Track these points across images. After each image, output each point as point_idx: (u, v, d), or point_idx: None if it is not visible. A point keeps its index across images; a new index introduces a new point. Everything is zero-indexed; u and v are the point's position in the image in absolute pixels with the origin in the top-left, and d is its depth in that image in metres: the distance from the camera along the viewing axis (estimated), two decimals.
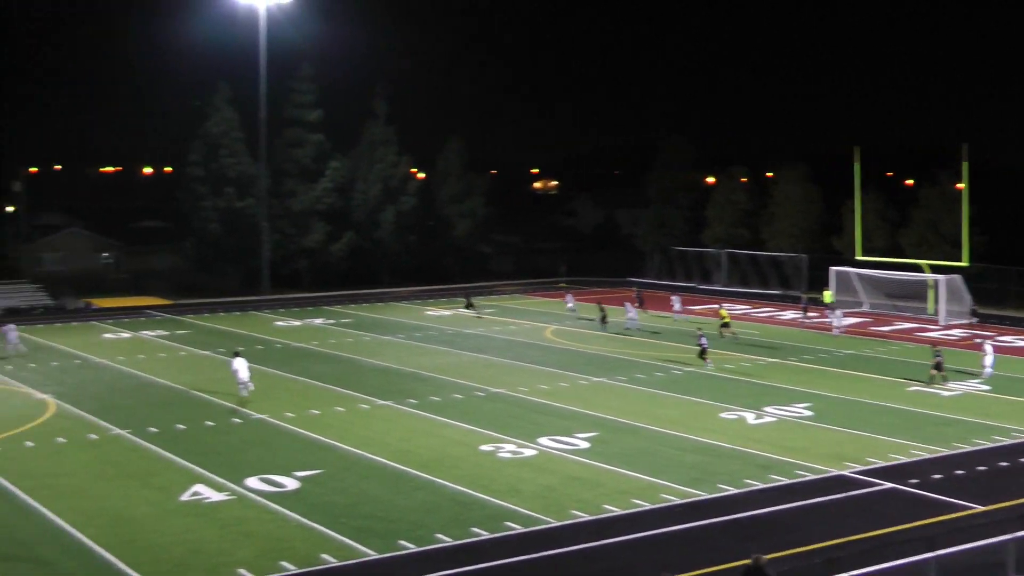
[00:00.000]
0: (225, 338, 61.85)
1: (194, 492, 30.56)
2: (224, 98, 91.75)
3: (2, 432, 38.29)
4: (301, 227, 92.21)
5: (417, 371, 50.52)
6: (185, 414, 41.13)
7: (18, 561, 25.21)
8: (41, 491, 30.74)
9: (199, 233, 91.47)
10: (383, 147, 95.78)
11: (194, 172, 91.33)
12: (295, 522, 27.81)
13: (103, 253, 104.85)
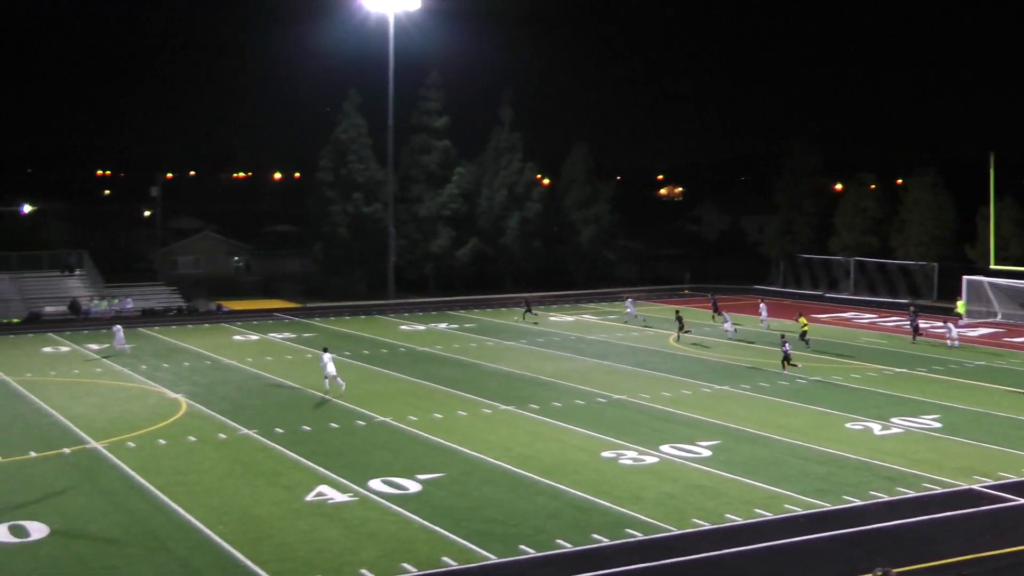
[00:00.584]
0: (351, 341, 62.73)
1: (319, 492, 31.04)
2: (354, 105, 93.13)
3: (137, 430, 39.37)
4: (427, 232, 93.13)
5: (539, 376, 50.62)
6: (310, 415, 41.82)
7: (153, 555, 25.87)
8: (173, 488, 31.54)
9: (327, 237, 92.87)
10: (509, 153, 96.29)
11: (324, 177, 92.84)
12: (417, 524, 28.07)
13: (234, 257, 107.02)
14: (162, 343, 62.88)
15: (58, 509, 29.50)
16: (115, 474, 33.38)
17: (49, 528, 27.80)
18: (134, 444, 37.21)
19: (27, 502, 30.23)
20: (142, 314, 78.37)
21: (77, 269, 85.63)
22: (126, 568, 24.98)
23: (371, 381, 49.98)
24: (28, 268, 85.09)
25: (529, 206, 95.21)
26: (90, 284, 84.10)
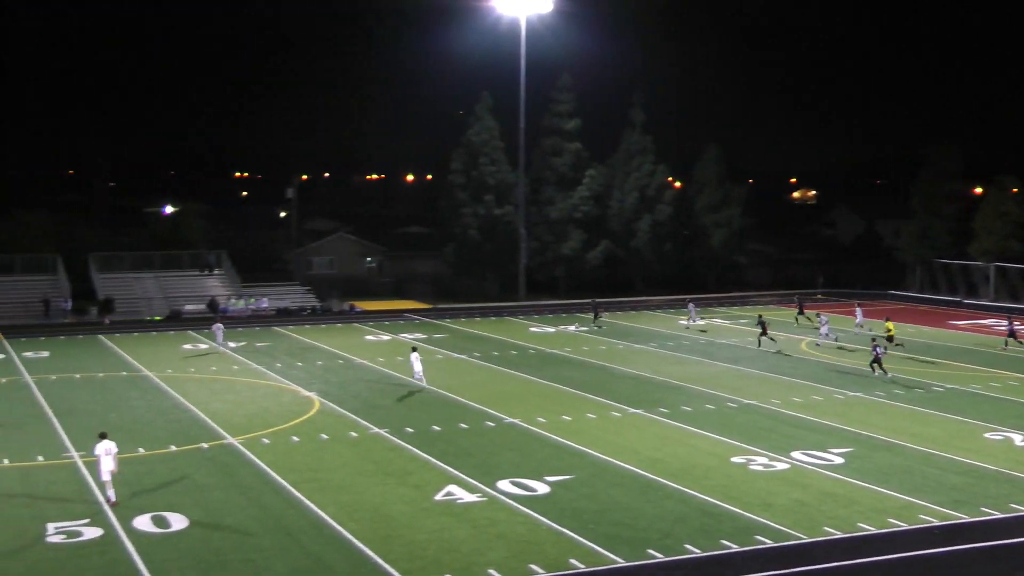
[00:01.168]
0: (481, 343, 63.18)
1: (448, 492, 31.33)
2: (486, 107, 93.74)
3: (272, 427, 40.20)
4: (558, 234, 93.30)
5: (669, 380, 50.37)
6: (440, 416, 42.21)
7: (286, 549, 26.39)
8: (306, 484, 32.14)
9: (459, 239, 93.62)
10: (640, 156, 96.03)
11: (455, 180, 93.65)
12: (545, 526, 28.15)
13: (367, 258, 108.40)
14: (296, 342, 64.06)
15: (197, 502, 30.29)
16: (250, 469, 34.14)
17: (189, 520, 28.56)
18: (269, 440, 38.00)
19: (168, 494, 31.10)
20: (277, 313, 79.94)
21: (216, 269, 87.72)
22: (261, 561, 25.53)
23: (501, 382, 50.28)
24: (169, 267, 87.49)
25: (660, 209, 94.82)
26: (228, 283, 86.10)
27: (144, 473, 33.43)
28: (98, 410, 43.62)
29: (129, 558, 25.67)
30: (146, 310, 79.76)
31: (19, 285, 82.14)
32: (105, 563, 25.36)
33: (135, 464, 34.54)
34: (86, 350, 61.30)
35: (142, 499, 30.55)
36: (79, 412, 43.15)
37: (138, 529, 27.78)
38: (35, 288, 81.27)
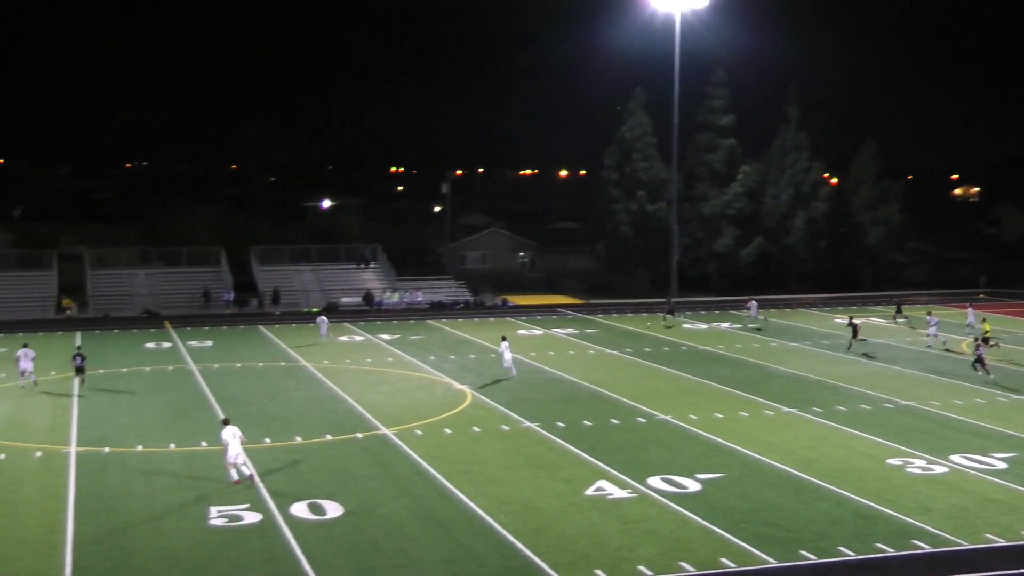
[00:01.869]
0: (633, 339, 63.04)
1: (598, 487, 31.36)
2: (639, 103, 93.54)
3: (425, 419, 40.77)
4: (711, 231, 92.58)
5: (823, 379, 49.56)
6: (591, 411, 42.26)
7: (438, 540, 26.76)
8: (458, 476, 32.52)
9: (611, 235, 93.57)
10: (795, 152, 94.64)
11: (609, 176, 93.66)
12: (696, 524, 28.00)
13: (520, 253, 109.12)
14: (449, 335, 64.80)
15: (352, 491, 30.90)
16: (403, 460, 34.68)
17: (343, 508, 29.16)
18: (421, 432, 38.54)
19: (324, 483, 31.80)
20: (430, 307, 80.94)
21: (371, 262, 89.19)
22: (413, 551, 25.93)
23: (652, 379, 50.11)
24: (327, 260, 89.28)
25: (815, 206, 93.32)
26: (383, 277, 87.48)
27: (301, 461, 34.23)
28: (257, 399, 44.81)
29: (286, 543, 26.34)
30: (304, 302, 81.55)
31: (185, 277, 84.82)
32: (264, 547, 26.06)
33: (292, 452, 35.41)
34: (247, 340, 62.98)
35: (299, 487, 31.30)
36: (239, 400, 44.39)
37: (295, 516, 28.48)
38: (200, 280, 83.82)
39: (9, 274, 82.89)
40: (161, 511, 28.87)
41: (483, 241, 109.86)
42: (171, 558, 25.29)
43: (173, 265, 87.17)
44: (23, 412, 42.20)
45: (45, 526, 27.71)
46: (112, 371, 52.02)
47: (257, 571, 24.51)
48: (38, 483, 31.90)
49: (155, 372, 51.90)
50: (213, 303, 79.51)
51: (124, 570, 24.59)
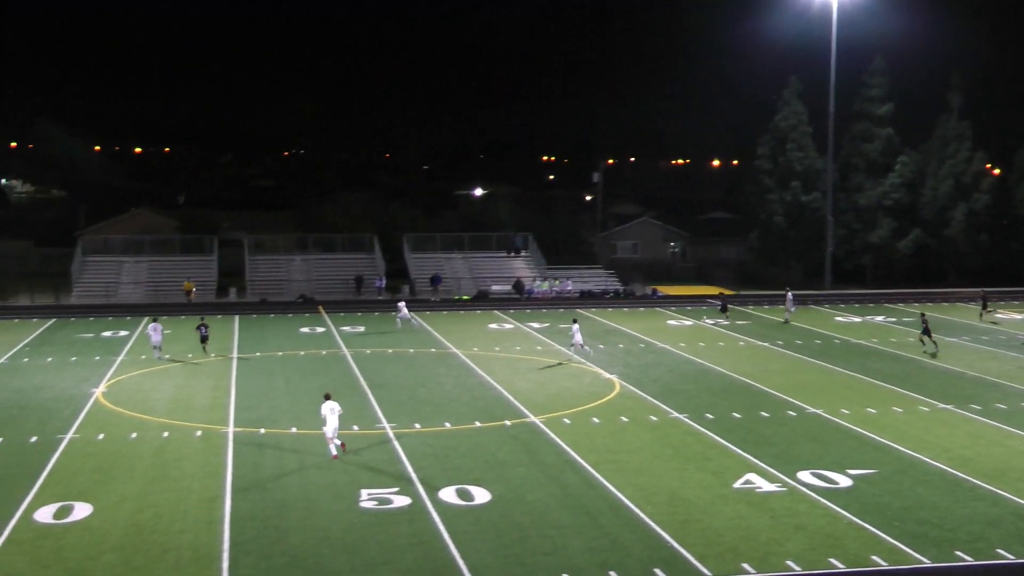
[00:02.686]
0: (785, 331, 62.25)
1: (747, 480, 31.11)
2: (794, 92, 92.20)
3: (573, 407, 40.92)
4: (866, 222, 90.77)
5: (982, 376, 48.21)
6: (741, 403, 41.88)
7: (584, 528, 26.86)
8: (605, 465, 32.58)
9: (763, 225, 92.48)
10: (956, 142, 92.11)
11: (762, 165, 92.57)
12: (846, 520, 27.56)
13: (671, 243, 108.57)
14: (599, 324, 64.82)
15: (500, 477, 31.20)
16: (551, 448, 34.87)
17: (491, 494, 29.48)
18: (569, 421, 38.69)
19: (472, 468, 32.18)
20: (580, 296, 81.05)
21: (523, 250, 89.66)
22: (559, 538, 26.08)
23: (803, 372, 49.42)
24: (478, 248, 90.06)
25: (977, 198, 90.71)
26: (533, 265, 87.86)
27: (450, 447, 34.70)
28: (408, 384, 45.51)
29: (435, 527, 26.75)
30: (455, 289, 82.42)
31: (339, 263, 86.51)
32: (413, 531, 26.50)
33: (442, 438, 35.90)
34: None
35: (448, 472, 31.73)
36: (391, 386, 45.15)
37: (444, 500, 28.90)
38: (353, 266, 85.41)
39: (173, 258, 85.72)
40: (314, 492, 29.59)
41: (634, 230, 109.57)
42: (323, 539, 25.90)
43: (328, 251, 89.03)
44: (186, 392, 43.63)
45: (205, 502, 28.66)
46: (268, 354, 53.40)
47: (406, 554, 24.94)
48: (199, 461, 32.98)
49: (309, 356, 53.10)
50: (365, 289, 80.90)
51: (279, 547, 25.28)
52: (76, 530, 26.50)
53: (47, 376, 47.26)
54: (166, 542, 25.62)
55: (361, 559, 24.57)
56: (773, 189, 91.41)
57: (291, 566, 24.14)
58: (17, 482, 30.53)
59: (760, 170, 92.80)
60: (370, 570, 23.95)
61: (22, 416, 39.22)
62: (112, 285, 79.83)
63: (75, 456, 33.56)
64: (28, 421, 38.37)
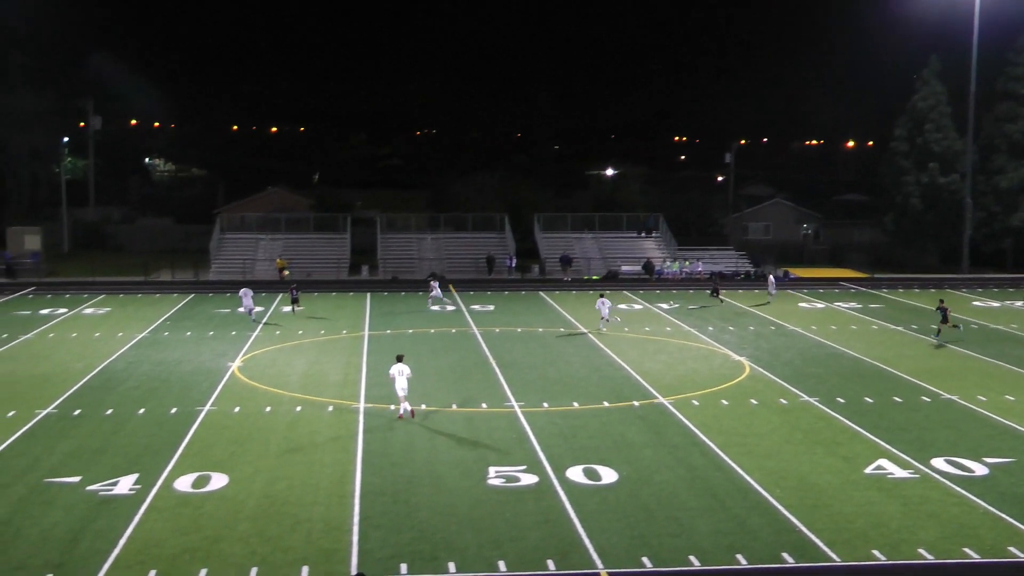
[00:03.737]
0: (919, 315, 60.99)
1: (878, 466, 30.63)
2: (933, 72, 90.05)
3: (701, 389, 40.71)
4: (1007, 205, 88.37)
5: None
6: (873, 388, 41.20)
7: (711, 510, 26.77)
8: (733, 448, 32.39)
9: (899, 208, 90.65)
10: None
11: (898, 147, 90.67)
12: (982, 509, 26.97)
13: (803, 224, 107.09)
14: (729, 306, 64.30)
15: (627, 458, 31.22)
16: (679, 429, 34.76)
17: (618, 475, 29.52)
18: (698, 402, 38.52)
19: (600, 448, 32.25)
20: (711, 277, 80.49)
21: (653, 231, 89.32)
22: (686, 520, 26.02)
23: (938, 357, 48.41)
24: (608, 228, 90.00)
25: None
26: (663, 246, 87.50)
27: (578, 427, 34.81)
28: (537, 364, 45.72)
29: (562, 506, 26.89)
30: (585, 270, 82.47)
31: (469, 242, 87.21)
32: (540, 509, 26.69)
33: (570, 417, 36.04)
34: (527, 306, 64.26)
35: (575, 451, 31.85)
36: (519, 365, 45.41)
37: (571, 479, 29.03)
38: (484, 245, 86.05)
39: (307, 236, 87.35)
40: (442, 469, 29.96)
41: (766, 212, 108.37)
42: (452, 515, 26.22)
43: (459, 230, 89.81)
44: (318, 368, 44.48)
45: (336, 476, 29.23)
46: (399, 332, 54.12)
47: (532, 532, 25.14)
48: (330, 435, 33.63)
49: (439, 334, 53.66)
50: (496, 269, 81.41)
51: (407, 522, 25.67)
52: (213, 499, 27.28)
53: (186, 350, 48.60)
54: (298, 514, 26.21)
55: (488, 536, 24.85)
56: (910, 171, 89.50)
57: (419, 541, 24.51)
58: (159, 452, 31.52)
59: (896, 151, 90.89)
60: (497, 546, 24.20)
61: (163, 388, 40.43)
62: (248, 262, 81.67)
63: (212, 428, 34.50)
64: (169, 393, 39.54)
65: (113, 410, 36.79)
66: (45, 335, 52.79)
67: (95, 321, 57.28)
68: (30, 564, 23.06)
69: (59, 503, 26.90)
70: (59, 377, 42.26)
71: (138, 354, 47.62)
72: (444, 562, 23.31)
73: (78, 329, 54.54)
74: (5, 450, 31.79)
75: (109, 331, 53.72)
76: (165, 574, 22.60)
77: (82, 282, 74.15)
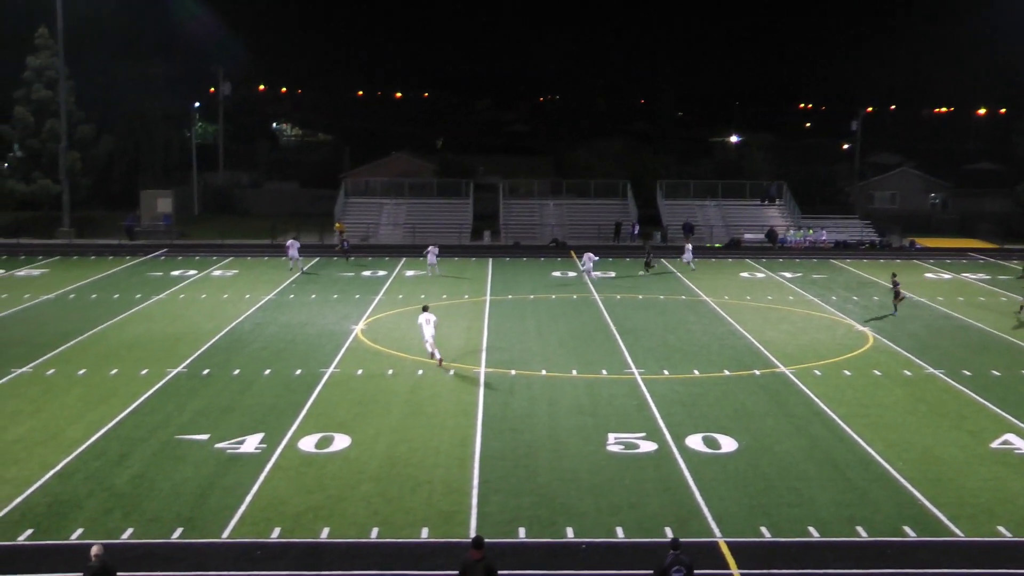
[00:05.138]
0: None
1: (1005, 441, 30.08)
2: None
3: (824, 359, 40.30)
4: None
5: None
6: (1001, 361, 40.37)
7: (832, 481, 26.57)
8: (855, 419, 32.05)
9: None
10: None
11: None
12: None
13: (931, 194, 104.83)
14: (853, 276, 63.41)
15: (747, 427, 31.13)
16: (800, 399, 34.50)
17: (738, 443, 29.47)
18: (820, 372, 38.15)
19: (720, 417, 32.19)
20: (834, 246, 79.36)
21: (776, 199, 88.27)
22: (806, 491, 25.89)
23: None
24: (731, 196, 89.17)
25: None
26: (787, 214, 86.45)
27: (698, 395, 34.77)
28: (657, 331, 45.68)
29: (680, 474, 26.96)
30: (707, 237, 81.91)
31: (591, 209, 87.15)
32: (659, 476, 26.78)
33: (689, 385, 36.01)
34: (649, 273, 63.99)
35: (695, 419, 31.85)
36: (640, 332, 45.41)
37: (690, 447, 29.06)
38: (605, 212, 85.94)
39: (430, 201, 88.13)
40: (562, 434, 30.19)
41: (892, 180, 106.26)
42: (571, 480, 26.45)
43: (581, 197, 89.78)
44: (440, 332, 44.80)
45: (457, 439, 29.65)
46: (520, 297, 54.43)
47: (651, 499, 25.24)
48: (452, 399, 34.08)
49: (560, 300, 53.86)
50: (623, 236, 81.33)
51: (527, 486, 25.96)
52: (336, 460, 27.89)
53: (311, 312, 49.53)
54: (419, 476, 26.67)
55: (607, 501, 25.02)
56: None
57: (538, 505, 24.78)
58: (284, 412, 32.29)
59: None
60: (615, 512, 24.36)
61: (289, 350, 41.31)
62: (372, 226, 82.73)
63: (336, 389, 35.20)
64: (294, 355, 40.39)
65: (240, 370, 37.75)
66: (176, 296, 54.24)
67: (223, 283, 58.67)
68: (163, 517, 23.88)
69: (189, 459, 27.77)
70: (189, 337, 43.45)
71: (265, 316, 48.70)
72: (562, 527, 23.56)
73: (207, 291, 55.93)
74: (139, 407, 32.87)
75: (237, 293, 54.99)
76: (289, 531, 23.22)
77: (211, 244, 75.87)
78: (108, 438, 29.62)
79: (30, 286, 56.75)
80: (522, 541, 22.85)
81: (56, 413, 32.12)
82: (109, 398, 33.82)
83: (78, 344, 42.16)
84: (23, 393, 34.48)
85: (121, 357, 39.73)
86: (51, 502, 24.70)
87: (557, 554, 22.36)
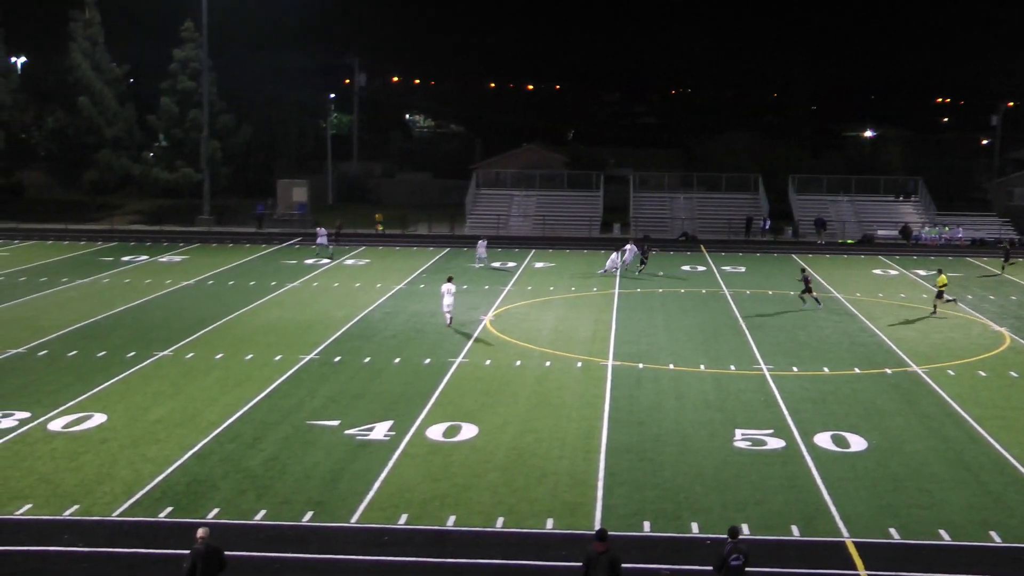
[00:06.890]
0: None
1: None
2: None
3: (958, 359, 39.50)
4: None
5: None
6: None
7: (964, 484, 26.08)
8: (990, 421, 31.38)
9: None
10: None
11: None
12: None
13: None
14: (989, 275, 61.91)
15: (877, 426, 30.68)
16: (933, 399, 33.88)
17: (868, 443, 29.07)
18: (954, 372, 37.41)
19: (849, 415, 31.78)
20: (971, 244, 77.54)
21: (912, 195, 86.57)
22: (936, 492, 25.45)
23: None
24: (865, 192, 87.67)
25: None
26: (922, 211, 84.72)
27: (828, 392, 34.37)
28: (787, 327, 45.22)
29: (808, 472, 26.70)
30: (839, 233, 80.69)
31: (722, 202, 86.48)
32: (786, 473, 26.57)
33: (819, 382, 35.61)
34: (780, 269, 63.40)
35: (824, 417, 31.50)
36: (769, 328, 45.02)
37: (819, 445, 28.76)
38: (735, 206, 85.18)
39: (560, 193, 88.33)
40: (689, 429, 30.13)
41: None
42: (697, 475, 26.40)
43: (712, 190, 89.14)
44: (568, 324, 45.17)
45: (583, 431, 29.79)
46: (649, 291, 54.33)
47: (777, 496, 25.08)
48: (578, 391, 34.21)
49: (689, 294, 53.64)
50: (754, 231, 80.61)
51: (652, 480, 25.98)
52: (463, 449, 28.23)
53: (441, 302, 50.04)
54: (545, 466, 26.87)
55: (732, 497, 24.93)
56: None
57: (662, 499, 24.79)
58: (413, 400, 32.77)
59: None
60: (740, 508, 24.27)
61: (418, 339, 41.87)
62: (503, 217, 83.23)
63: (464, 379, 35.59)
64: (423, 344, 40.93)
65: (370, 358, 38.39)
66: (309, 284, 55.34)
67: (355, 272, 59.66)
68: (294, 500, 24.47)
69: (320, 444, 28.38)
70: (321, 324, 44.33)
71: (395, 305, 49.42)
72: (687, 522, 23.55)
73: (340, 279, 56.94)
74: (273, 391, 33.68)
75: (368, 282, 55.88)
76: (416, 518, 23.59)
77: (344, 234, 77.13)
78: (243, 421, 30.44)
79: (172, 272, 58.43)
80: (647, 535, 22.90)
81: (194, 395, 33.11)
82: (244, 382, 34.73)
83: (215, 329, 43.35)
84: (164, 375, 35.61)
85: (256, 342, 40.73)
86: (189, 481, 25.48)
87: (681, 549, 22.36)
